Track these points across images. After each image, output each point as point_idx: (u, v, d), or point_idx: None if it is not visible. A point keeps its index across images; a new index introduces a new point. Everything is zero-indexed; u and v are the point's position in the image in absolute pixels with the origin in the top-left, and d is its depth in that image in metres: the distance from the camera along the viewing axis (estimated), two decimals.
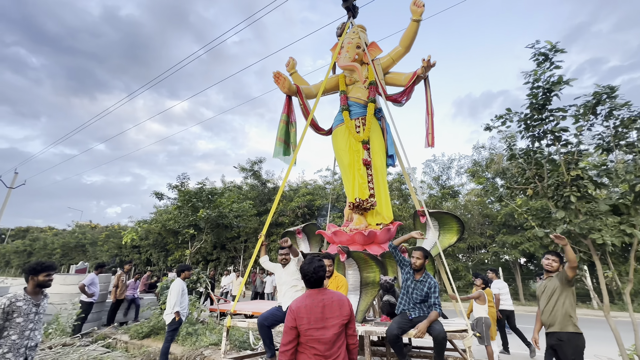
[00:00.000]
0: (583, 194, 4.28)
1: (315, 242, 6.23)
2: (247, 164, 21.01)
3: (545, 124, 4.51)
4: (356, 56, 6.00)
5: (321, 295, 2.21)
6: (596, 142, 4.51)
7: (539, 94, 4.46)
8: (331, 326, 2.12)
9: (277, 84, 6.12)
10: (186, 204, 11.80)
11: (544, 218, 4.96)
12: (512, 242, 14.89)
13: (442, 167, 20.62)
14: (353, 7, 6.51)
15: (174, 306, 5.21)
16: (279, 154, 6.24)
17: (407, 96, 5.81)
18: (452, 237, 4.96)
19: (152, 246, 26.23)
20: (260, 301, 11.58)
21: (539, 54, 4.44)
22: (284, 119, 6.30)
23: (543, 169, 4.63)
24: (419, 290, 3.59)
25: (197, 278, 9.41)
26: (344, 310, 2.20)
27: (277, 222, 19.74)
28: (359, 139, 5.65)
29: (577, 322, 3.08)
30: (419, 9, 5.58)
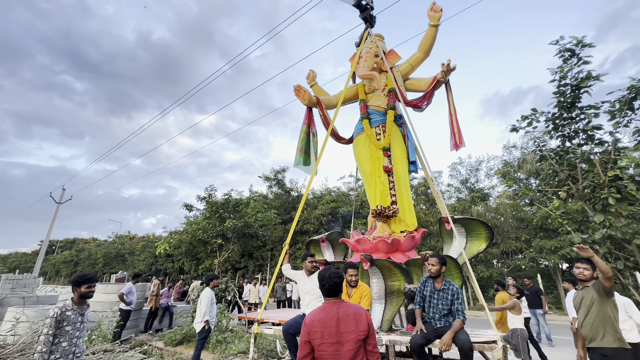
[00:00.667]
0: (624, 195, 3.97)
1: (339, 250, 6.26)
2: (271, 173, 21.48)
3: (576, 123, 4.26)
4: (374, 65, 6.08)
5: (336, 307, 2.10)
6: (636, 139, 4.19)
7: (566, 92, 4.23)
8: (346, 341, 1.99)
9: (298, 97, 6.27)
10: (214, 214, 12.28)
11: (582, 222, 4.64)
12: (551, 247, 13.93)
13: (469, 170, 19.85)
14: (370, 17, 6.65)
15: (203, 315, 5.41)
16: (299, 163, 6.34)
17: (427, 101, 5.79)
18: (480, 244, 4.77)
19: (184, 255, 27.40)
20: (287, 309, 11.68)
21: (565, 50, 4.23)
22: (304, 130, 6.42)
23: (577, 170, 4.37)
24: (444, 300, 3.48)
25: (225, 287, 9.70)
26: (361, 324, 2.04)
27: (301, 230, 19.91)
28: (379, 146, 5.68)
29: (622, 335, 2.83)
30: (437, 14, 5.58)
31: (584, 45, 4.07)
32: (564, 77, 4.19)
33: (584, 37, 4.08)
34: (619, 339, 2.79)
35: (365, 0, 6.58)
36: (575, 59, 4.15)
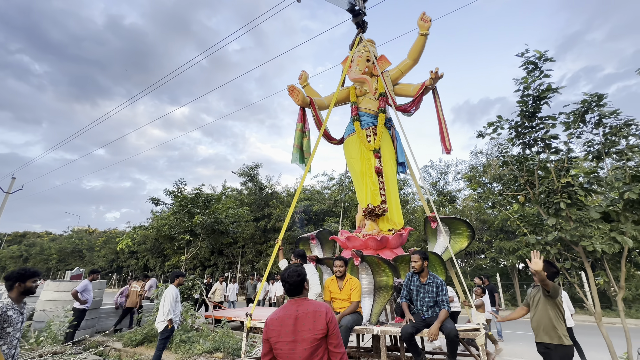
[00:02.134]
0: (574, 200, 4.31)
1: (328, 247, 6.39)
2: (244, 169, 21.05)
3: (536, 132, 4.56)
4: (366, 69, 6.30)
5: (297, 306, 2.04)
6: (586, 150, 4.56)
7: (529, 102, 4.51)
8: (302, 340, 1.92)
9: (292, 97, 6.39)
10: (182, 209, 11.79)
11: (537, 225, 4.97)
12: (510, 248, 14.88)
13: (439, 173, 20.69)
14: (362, 23, 6.88)
15: (167, 313, 5.17)
16: (296, 160, 6.46)
17: (416, 106, 6.06)
18: (462, 242, 5.10)
19: (149, 252, 26.12)
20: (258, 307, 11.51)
21: (529, 62, 4.51)
22: (299, 127, 6.55)
23: (534, 176, 4.67)
24: (430, 293, 3.68)
25: (192, 284, 9.37)
26: (319, 323, 1.95)
27: (274, 227, 19.70)
28: (370, 147, 5.88)
29: (564, 332, 3.06)
30: (426, 24, 5.88)
31: (545, 59, 4.36)
32: (527, 87, 4.46)
33: (546, 51, 4.36)
34: (558, 337, 3.02)
35: (358, 6, 6.75)
36: (538, 72, 4.42)
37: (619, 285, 4.27)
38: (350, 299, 3.90)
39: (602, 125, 4.29)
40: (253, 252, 21.61)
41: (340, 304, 3.96)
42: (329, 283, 4.12)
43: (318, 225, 18.76)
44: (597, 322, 4.23)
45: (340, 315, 3.75)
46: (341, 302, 3.95)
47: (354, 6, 6.68)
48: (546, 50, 4.39)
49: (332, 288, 4.06)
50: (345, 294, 3.95)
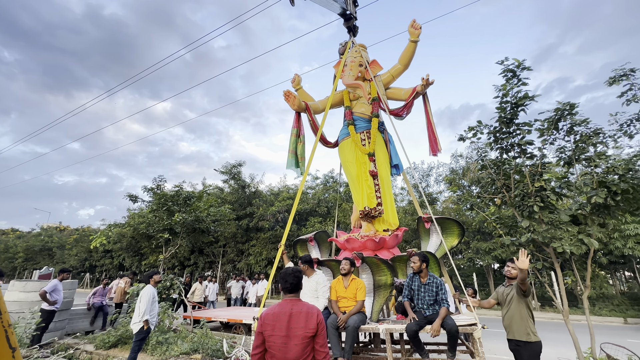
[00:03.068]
0: (546, 204, 4.52)
1: (325, 248, 6.48)
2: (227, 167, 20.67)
3: (513, 137, 4.75)
4: (359, 74, 6.45)
5: (292, 304, 2.23)
6: (558, 156, 4.80)
7: (507, 108, 4.70)
8: (294, 336, 2.11)
9: (287, 102, 6.43)
10: (161, 207, 11.40)
11: (512, 227, 5.19)
12: (486, 249, 15.42)
13: (421, 175, 21.13)
14: (354, 27, 7.05)
15: (143, 314, 5.00)
16: (292, 165, 6.55)
17: (407, 110, 6.32)
18: (453, 240, 5.36)
19: (125, 250, 25.16)
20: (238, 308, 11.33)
21: (508, 70, 4.69)
22: (294, 133, 6.63)
23: (510, 179, 4.87)
24: (430, 292, 3.89)
25: (170, 284, 9.10)
26: (310, 323, 2.16)
27: (256, 226, 19.47)
28: (365, 151, 6.06)
29: (533, 329, 3.22)
30: (417, 31, 6.10)
31: (523, 68, 4.54)
32: (505, 94, 4.63)
33: (524, 60, 4.55)
34: (527, 334, 3.19)
35: (349, 11, 6.88)
36: (516, 80, 4.60)
37: (585, 285, 4.53)
38: (355, 298, 4.08)
39: (574, 133, 4.53)
40: (234, 252, 21.27)
41: (345, 303, 4.13)
42: (335, 283, 4.33)
43: (301, 224, 18.71)
44: (564, 320, 4.46)
45: (347, 315, 3.93)
46: (347, 301, 4.12)
47: (346, 11, 6.81)
48: (524, 60, 4.58)
49: (338, 287, 4.26)
50: (350, 293, 4.13)
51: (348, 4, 6.78)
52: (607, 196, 3.99)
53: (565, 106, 4.42)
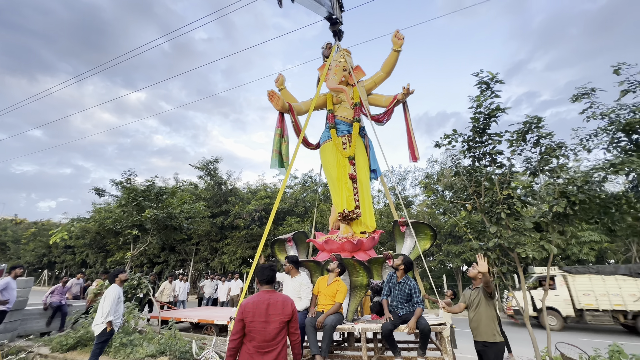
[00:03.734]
0: (513, 211, 4.77)
1: (302, 249, 6.50)
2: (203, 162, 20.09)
3: (485, 147, 4.98)
4: (342, 78, 6.57)
5: (269, 295, 2.57)
6: (525, 166, 5.08)
7: (480, 119, 4.92)
8: (272, 321, 2.46)
9: (271, 102, 6.39)
10: (131, 202, 10.84)
11: (481, 232, 5.43)
12: (456, 252, 16.05)
13: (398, 178, 21.64)
14: (339, 32, 7.17)
15: (107, 315, 4.73)
16: (275, 165, 6.55)
17: (387, 117, 6.50)
18: (426, 244, 5.59)
19: (88, 246, 23.75)
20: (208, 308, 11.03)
21: (482, 82, 4.91)
22: (278, 133, 6.62)
23: (481, 187, 5.09)
24: (402, 292, 4.12)
25: (137, 283, 8.69)
26: (287, 310, 2.54)
27: (232, 225, 19.09)
28: (345, 154, 6.17)
29: (498, 330, 3.41)
30: (399, 41, 6.31)
31: (496, 80, 4.77)
32: (479, 105, 4.84)
33: (497, 74, 4.78)
34: (494, 334, 3.39)
35: (336, 15, 6.98)
36: (489, 92, 4.83)
37: (544, 288, 4.83)
38: (334, 298, 4.22)
39: (539, 145, 4.82)
40: (208, 250, 20.71)
41: (323, 301, 4.27)
42: (320, 280, 4.51)
43: (278, 224, 18.55)
44: (525, 321, 4.73)
45: (325, 315, 4.08)
46: (325, 299, 4.26)
47: (332, 15, 6.93)
48: (497, 73, 4.82)
49: (321, 284, 4.43)
50: (330, 292, 4.26)
51: (334, 8, 6.90)
52: (567, 206, 4.27)
53: (533, 119, 4.69)
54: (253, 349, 2.40)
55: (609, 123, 4.64)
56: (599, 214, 4.72)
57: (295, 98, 7.23)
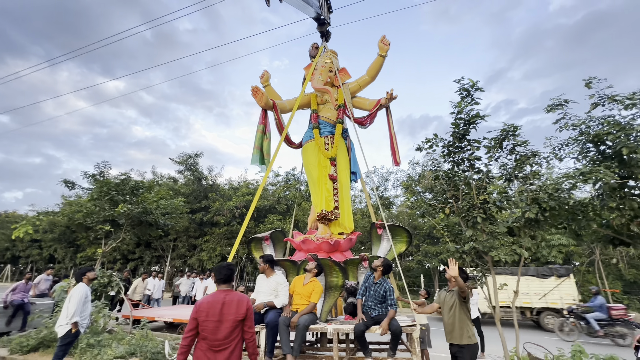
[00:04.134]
0: (488, 216, 4.92)
1: (279, 248, 6.46)
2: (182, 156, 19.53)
3: (464, 152, 5.10)
4: (328, 79, 6.58)
5: (225, 294, 2.60)
6: (501, 172, 5.25)
7: (460, 124, 5.03)
8: (225, 320, 2.49)
9: (255, 98, 6.31)
10: (103, 196, 10.33)
11: (457, 235, 5.57)
12: (434, 252, 16.47)
13: (380, 179, 21.93)
14: (327, 33, 7.19)
15: (72, 315, 4.48)
16: (256, 161, 6.47)
17: (370, 120, 6.56)
18: (402, 247, 5.68)
19: (57, 241, 22.57)
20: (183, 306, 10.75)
21: (463, 89, 5.02)
22: (260, 129, 6.55)
23: (459, 191, 5.21)
24: (377, 293, 4.20)
25: (108, 281, 8.33)
26: (241, 309, 2.56)
27: (211, 221, 18.71)
28: (327, 155, 6.17)
29: (472, 332, 3.48)
30: (386, 46, 6.38)
31: (477, 88, 4.89)
32: (460, 111, 4.95)
33: (478, 81, 4.90)
34: (469, 337, 3.45)
35: (324, 16, 6.95)
36: (470, 99, 4.94)
37: (515, 290, 5.02)
38: (309, 298, 4.23)
39: (515, 153, 4.98)
40: (186, 246, 20.21)
41: (298, 300, 4.28)
42: (297, 279, 4.55)
43: (259, 221, 18.35)
44: (496, 321, 4.90)
45: (298, 315, 4.07)
46: (300, 299, 4.27)
47: (320, 16, 6.93)
48: (478, 81, 4.94)
49: (297, 283, 4.46)
50: (306, 292, 4.28)
51: (323, 9, 6.91)
52: (538, 212, 4.45)
53: (509, 128, 4.84)
54: (206, 346, 2.47)
55: (580, 134, 4.86)
56: (567, 220, 4.95)
57: (279, 95, 7.19)
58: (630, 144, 4.18)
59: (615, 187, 4.39)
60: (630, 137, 4.35)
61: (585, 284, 15.36)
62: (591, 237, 5.46)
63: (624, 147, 4.18)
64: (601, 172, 4.17)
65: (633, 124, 4.43)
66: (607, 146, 4.65)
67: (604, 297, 11.31)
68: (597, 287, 10.09)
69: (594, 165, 4.60)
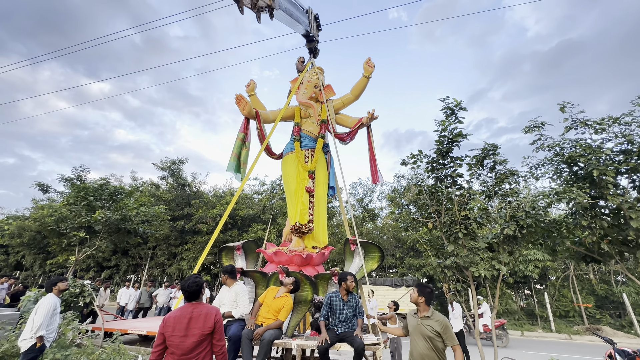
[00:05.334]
0: (469, 231, 5.04)
1: (252, 259, 6.35)
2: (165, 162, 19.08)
3: (447, 169, 5.26)
4: (313, 94, 6.73)
5: (192, 308, 2.59)
6: (481, 189, 5.42)
7: (444, 142, 5.19)
8: (192, 335, 2.47)
9: (238, 106, 6.34)
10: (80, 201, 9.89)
11: (439, 249, 5.66)
12: (417, 265, 16.62)
13: (366, 191, 22.12)
14: (315, 50, 7.42)
15: (37, 329, 4.22)
16: (232, 169, 6.43)
17: (351, 137, 6.68)
18: (374, 264, 5.66)
19: (26, 246, 21.35)
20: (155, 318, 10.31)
21: (447, 108, 5.21)
22: (240, 137, 6.55)
23: (442, 206, 5.34)
24: (350, 308, 4.17)
25: (80, 290, 7.91)
26: (208, 322, 2.54)
27: (193, 229, 18.25)
28: (306, 168, 6.22)
29: None
30: (370, 68, 6.60)
31: (460, 107, 5.08)
32: (444, 129, 5.11)
33: (462, 101, 5.09)
34: None
35: (312, 33, 7.13)
36: (453, 117, 5.11)
37: (494, 306, 5.12)
38: (277, 313, 4.15)
39: (495, 171, 5.17)
40: (166, 255, 19.54)
41: (265, 314, 4.18)
42: (270, 290, 4.46)
43: (243, 229, 18.03)
44: (475, 337, 4.96)
45: (264, 329, 3.97)
46: (268, 312, 4.18)
47: (309, 33, 7.08)
48: (461, 101, 5.13)
49: (269, 294, 4.38)
50: (276, 306, 4.20)
51: (312, 27, 7.09)
52: (516, 229, 4.60)
53: (490, 147, 5.03)
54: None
55: (555, 154, 5.11)
56: (543, 237, 5.14)
57: (264, 106, 7.30)
58: (600, 167, 4.42)
59: (587, 207, 4.61)
60: (600, 160, 4.61)
61: (561, 299, 15.83)
62: (565, 254, 5.68)
63: (595, 169, 4.42)
64: (574, 192, 4.38)
65: (603, 147, 4.71)
66: (580, 167, 4.90)
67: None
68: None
69: (568, 185, 4.83)
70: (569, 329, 13.74)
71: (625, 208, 4.29)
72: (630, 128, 4.62)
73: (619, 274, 16.14)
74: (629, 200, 4.35)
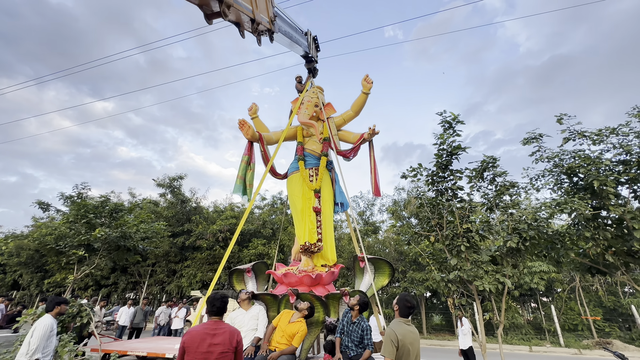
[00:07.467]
0: (472, 244, 5.00)
1: (262, 280, 6.33)
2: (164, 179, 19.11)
3: (447, 182, 5.27)
4: (314, 113, 6.88)
5: (216, 325, 2.61)
6: (482, 201, 5.42)
7: (443, 155, 5.23)
8: (214, 352, 2.48)
9: (242, 130, 6.47)
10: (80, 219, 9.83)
11: (442, 263, 5.60)
12: (420, 279, 16.34)
13: (367, 204, 22.03)
14: (314, 70, 7.63)
15: (33, 352, 4.11)
16: (239, 191, 6.50)
17: (354, 153, 6.74)
18: (385, 280, 5.58)
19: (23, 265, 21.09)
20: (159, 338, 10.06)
21: (445, 121, 5.28)
22: (245, 160, 6.65)
23: (443, 219, 5.32)
24: (355, 332, 4.05)
25: (78, 310, 7.74)
26: (232, 341, 2.56)
27: (193, 245, 18.08)
28: (311, 187, 6.29)
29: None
30: (369, 84, 6.70)
31: (458, 121, 5.14)
32: (443, 143, 5.16)
33: (459, 115, 5.16)
34: None
35: (311, 54, 7.37)
36: (452, 130, 5.17)
37: (500, 320, 5.01)
38: (291, 338, 4.08)
39: (495, 183, 5.18)
40: (165, 272, 19.26)
41: (279, 338, 4.11)
42: (284, 314, 4.40)
43: (243, 245, 17.86)
44: (481, 350, 4.83)
45: (279, 353, 3.92)
46: (281, 337, 4.12)
47: (308, 54, 7.29)
48: (459, 114, 5.21)
49: (283, 318, 4.30)
50: (290, 331, 4.13)
51: (311, 48, 7.30)
52: (519, 241, 4.56)
53: (489, 159, 5.07)
54: None
55: (554, 166, 5.14)
56: (547, 248, 5.09)
57: (267, 127, 7.41)
58: (600, 177, 4.44)
59: (590, 218, 4.59)
60: (600, 171, 4.63)
61: (568, 311, 15.49)
62: (570, 266, 5.61)
63: (595, 180, 4.43)
64: (575, 202, 4.37)
65: (602, 158, 4.73)
66: (580, 178, 4.92)
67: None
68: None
69: (569, 196, 4.83)
70: (579, 343, 13.38)
71: (627, 218, 4.27)
72: (628, 138, 4.67)
73: (626, 285, 15.87)
74: (631, 211, 4.34)
